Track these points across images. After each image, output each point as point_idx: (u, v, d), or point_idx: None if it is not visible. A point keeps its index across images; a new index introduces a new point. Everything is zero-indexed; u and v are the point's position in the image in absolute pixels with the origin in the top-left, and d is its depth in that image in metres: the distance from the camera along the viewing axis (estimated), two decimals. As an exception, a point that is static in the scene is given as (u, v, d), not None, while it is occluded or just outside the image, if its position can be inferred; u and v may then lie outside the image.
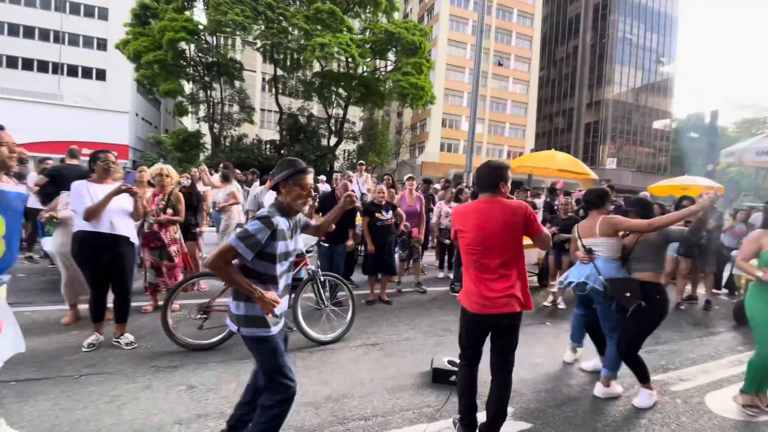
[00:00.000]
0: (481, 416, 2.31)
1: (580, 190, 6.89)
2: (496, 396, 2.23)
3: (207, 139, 26.48)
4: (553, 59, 51.60)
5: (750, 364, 2.85)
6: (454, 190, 6.37)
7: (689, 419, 2.79)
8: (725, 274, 6.61)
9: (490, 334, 2.26)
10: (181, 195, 4.28)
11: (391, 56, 25.86)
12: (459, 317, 2.37)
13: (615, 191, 6.53)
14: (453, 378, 3.03)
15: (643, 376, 2.87)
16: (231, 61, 24.85)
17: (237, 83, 26.19)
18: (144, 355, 3.23)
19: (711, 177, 10.46)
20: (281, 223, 1.82)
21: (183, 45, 22.46)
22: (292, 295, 3.67)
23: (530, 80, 43.45)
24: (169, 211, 4.10)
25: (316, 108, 31.23)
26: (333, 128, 27.75)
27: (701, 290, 6.03)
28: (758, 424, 2.73)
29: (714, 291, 6.23)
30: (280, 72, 26.35)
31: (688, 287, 5.91)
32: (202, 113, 26.18)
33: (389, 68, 26.63)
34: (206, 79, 24.56)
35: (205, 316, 3.44)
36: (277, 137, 28.18)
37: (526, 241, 2.21)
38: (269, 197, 3.83)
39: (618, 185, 16.33)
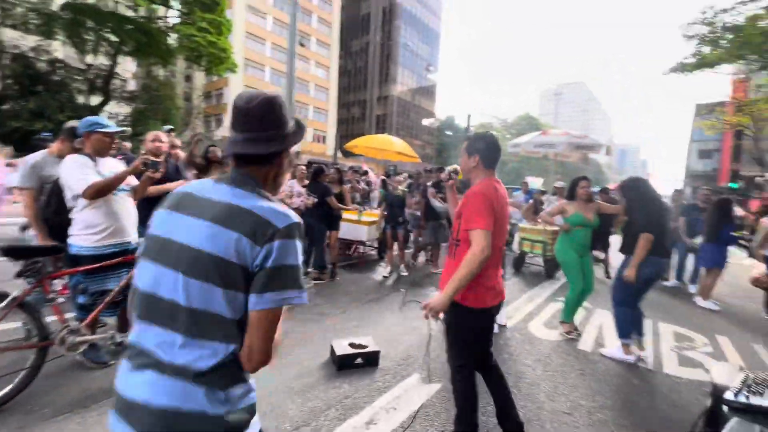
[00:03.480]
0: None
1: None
2: (505, 386, 2.14)
3: None
4: (350, 50, 55.27)
5: (567, 298, 3.90)
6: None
7: (530, 347, 3.59)
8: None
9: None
10: None
11: (175, 4, 21.56)
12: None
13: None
14: (359, 361, 2.90)
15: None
16: None
17: None
18: None
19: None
20: None
21: None
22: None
23: (331, 66, 45.27)
24: None
25: (61, 52, 22.94)
26: (96, 84, 21.20)
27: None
28: (574, 344, 3.75)
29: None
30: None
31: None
32: None
33: (173, 19, 22.18)
34: None
35: None
36: (-8, 85, 19.25)
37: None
38: (69, 166, 2.47)
39: (402, 170, 19.28)
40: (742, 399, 1.41)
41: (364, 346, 2.99)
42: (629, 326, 3.37)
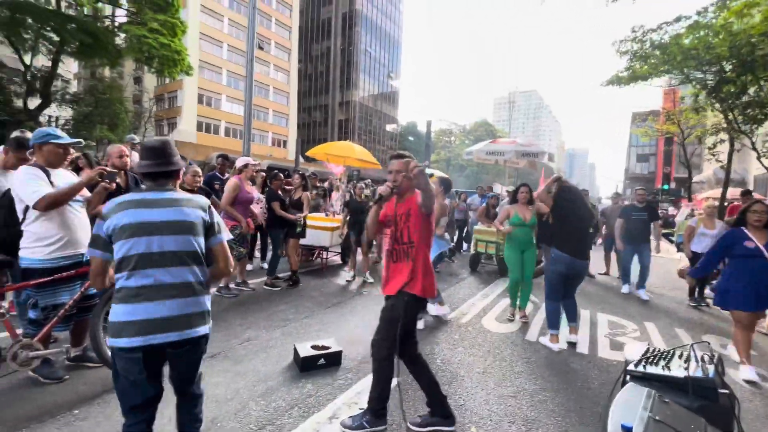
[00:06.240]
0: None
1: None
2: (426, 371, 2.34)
3: None
4: (310, 54, 54.94)
5: (509, 287, 4.53)
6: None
7: (482, 339, 3.87)
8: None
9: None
10: None
11: (123, 3, 20.60)
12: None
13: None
14: (321, 361, 3.01)
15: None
16: None
17: None
18: None
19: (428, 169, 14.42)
20: None
21: None
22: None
23: (290, 70, 44.79)
24: None
25: (-6, 50, 21.14)
26: (35, 86, 19.71)
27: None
28: (523, 336, 4.09)
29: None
30: None
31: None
32: None
33: (121, 19, 21.12)
34: None
35: None
36: None
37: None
38: (22, 178, 2.44)
39: (365, 176, 19.50)
40: (640, 368, 1.71)
41: (327, 347, 3.12)
42: (556, 317, 3.76)
